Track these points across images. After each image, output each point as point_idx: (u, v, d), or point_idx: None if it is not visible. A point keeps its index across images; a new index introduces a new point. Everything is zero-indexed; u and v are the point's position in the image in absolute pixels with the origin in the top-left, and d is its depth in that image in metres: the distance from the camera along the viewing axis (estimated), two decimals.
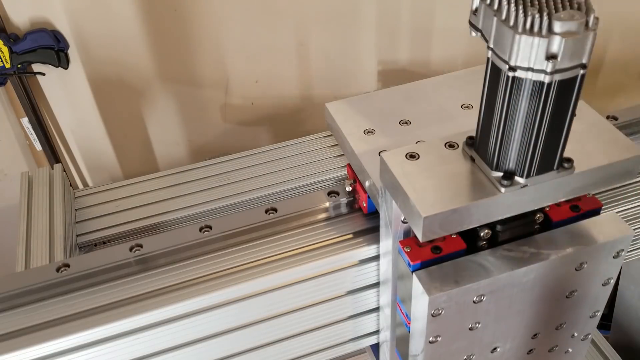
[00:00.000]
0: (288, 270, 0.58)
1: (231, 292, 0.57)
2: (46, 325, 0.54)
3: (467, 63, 1.39)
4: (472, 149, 0.47)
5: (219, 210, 1.02)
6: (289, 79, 1.32)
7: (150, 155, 1.34)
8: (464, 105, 0.62)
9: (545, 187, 0.45)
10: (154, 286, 0.57)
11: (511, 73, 0.39)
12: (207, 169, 1.11)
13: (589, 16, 0.36)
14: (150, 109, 1.26)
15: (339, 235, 0.61)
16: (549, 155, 0.43)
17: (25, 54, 1.07)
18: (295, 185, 1.05)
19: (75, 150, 1.27)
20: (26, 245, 0.88)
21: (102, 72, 1.18)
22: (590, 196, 0.54)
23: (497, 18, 0.38)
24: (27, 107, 1.14)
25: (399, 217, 0.52)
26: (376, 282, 0.62)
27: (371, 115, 0.61)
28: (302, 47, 1.27)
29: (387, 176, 0.48)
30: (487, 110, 0.43)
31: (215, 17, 1.17)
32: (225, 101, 1.30)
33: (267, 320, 0.60)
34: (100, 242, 0.97)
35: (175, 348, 0.58)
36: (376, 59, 1.35)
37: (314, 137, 1.17)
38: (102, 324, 0.54)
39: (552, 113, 0.40)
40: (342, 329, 0.65)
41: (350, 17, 1.27)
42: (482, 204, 0.44)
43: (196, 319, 0.57)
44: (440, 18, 1.32)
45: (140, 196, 1.05)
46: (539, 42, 0.36)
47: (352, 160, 0.59)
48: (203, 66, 1.24)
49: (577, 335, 0.56)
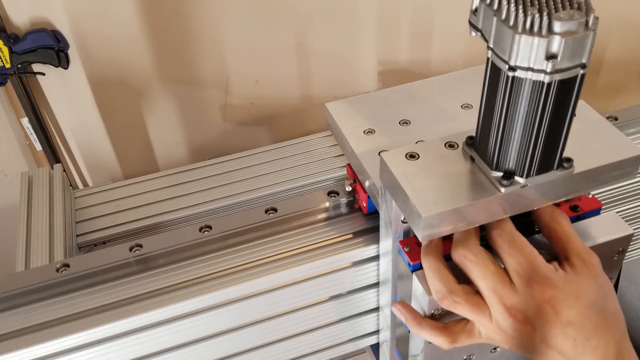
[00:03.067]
0: (288, 270, 0.58)
1: (231, 292, 0.57)
2: (46, 325, 0.54)
3: (467, 63, 1.39)
4: (472, 148, 0.47)
5: (219, 210, 1.02)
6: (289, 79, 1.32)
7: (150, 155, 1.33)
8: (464, 105, 0.62)
9: (545, 187, 0.45)
10: (154, 286, 0.57)
11: (511, 73, 0.39)
12: (207, 169, 1.11)
13: (588, 16, 0.36)
14: (150, 109, 1.26)
15: (339, 235, 0.61)
16: (549, 155, 0.43)
17: (25, 54, 1.07)
18: (295, 185, 1.05)
19: (75, 150, 1.27)
20: (26, 245, 0.88)
21: (102, 72, 1.17)
22: (590, 196, 0.54)
23: (497, 18, 0.38)
24: (27, 107, 1.14)
25: (399, 217, 0.52)
26: (376, 282, 0.62)
27: (371, 115, 0.61)
28: (302, 47, 1.27)
29: (387, 176, 0.48)
30: (487, 110, 0.43)
31: (215, 17, 1.17)
32: (225, 101, 1.30)
33: (266, 320, 0.60)
34: (100, 242, 0.97)
35: (175, 348, 0.58)
36: (376, 59, 1.35)
37: (314, 137, 1.17)
38: (102, 324, 0.54)
39: (552, 113, 0.40)
40: (341, 329, 0.65)
41: (350, 17, 1.27)
42: (481, 203, 0.44)
43: (196, 319, 0.57)
44: (441, 18, 1.32)
45: (140, 196, 1.05)
46: (538, 42, 0.36)
47: (351, 160, 0.59)
48: (203, 66, 1.24)
49: None
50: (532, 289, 0.44)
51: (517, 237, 0.46)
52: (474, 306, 0.46)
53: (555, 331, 0.44)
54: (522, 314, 0.44)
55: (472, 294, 0.46)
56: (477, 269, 0.45)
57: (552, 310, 0.43)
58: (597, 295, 0.44)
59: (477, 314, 0.46)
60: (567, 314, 0.43)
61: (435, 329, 0.49)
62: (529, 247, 0.45)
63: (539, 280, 0.44)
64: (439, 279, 0.47)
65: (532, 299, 0.44)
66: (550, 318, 0.44)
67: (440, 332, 0.49)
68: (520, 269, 0.44)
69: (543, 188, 0.45)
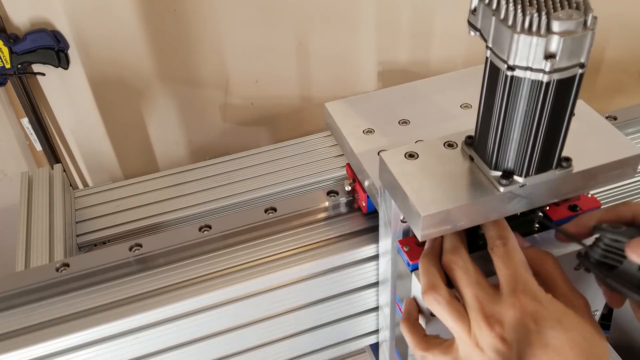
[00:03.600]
0: (287, 270, 0.58)
1: (230, 291, 0.57)
2: (46, 325, 0.55)
3: (467, 63, 1.39)
4: (471, 148, 0.47)
5: (219, 210, 1.02)
6: (289, 79, 1.32)
7: (150, 155, 1.34)
8: (463, 105, 0.62)
9: (544, 187, 0.45)
10: (154, 286, 0.57)
11: (510, 72, 0.39)
12: (207, 169, 1.11)
13: (587, 15, 0.36)
14: (150, 109, 1.27)
15: (338, 234, 0.61)
16: (548, 154, 0.43)
17: (25, 54, 1.07)
18: (295, 185, 1.05)
19: (75, 150, 1.27)
20: (26, 245, 0.89)
21: (102, 72, 1.18)
22: (590, 196, 0.54)
23: (496, 17, 0.38)
24: (27, 107, 1.14)
25: (398, 217, 0.52)
26: (375, 281, 0.62)
27: (370, 115, 0.61)
28: (301, 47, 1.27)
29: (386, 176, 0.48)
30: (486, 110, 0.43)
31: (215, 17, 1.17)
32: (225, 101, 1.31)
33: (266, 320, 0.60)
34: (100, 242, 0.97)
35: (175, 347, 0.58)
36: (376, 59, 1.35)
37: (314, 137, 1.17)
38: (102, 323, 0.54)
39: (550, 112, 0.40)
40: (341, 328, 0.65)
41: (350, 17, 1.27)
42: (481, 203, 0.44)
43: (195, 318, 0.57)
44: (440, 18, 1.32)
45: (140, 196, 1.05)
46: (537, 42, 0.36)
47: (351, 159, 0.59)
48: (203, 66, 1.24)
49: None
50: (517, 298, 0.42)
51: (513, 249, 0.45)
52: (454, 311, 0.44)
53: (533, 351, 0.41)
54: (500, 327, 0.41)
55: (456, 300, 0.45)
56: (464, 276, 0.45)
57: (534, 327, 0.41)
58: (582, 330, 0.42)
59: (456, 322, 0.44)
60: (548, 335, 0.41)
61: (413, 329, 0.49)
62: (524, 262, 0.45)
63: (527, 291, 0.42)
64: (429, 275, 0.46)
65: (514, 309, 0.42)
66: (530, 335, 0.41)
67: (416, 336, 0.48)
68: (510, 278, 0.43)
69: (542, 187, 0.45)
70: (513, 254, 0.45)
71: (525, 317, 0.41)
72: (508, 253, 0.45)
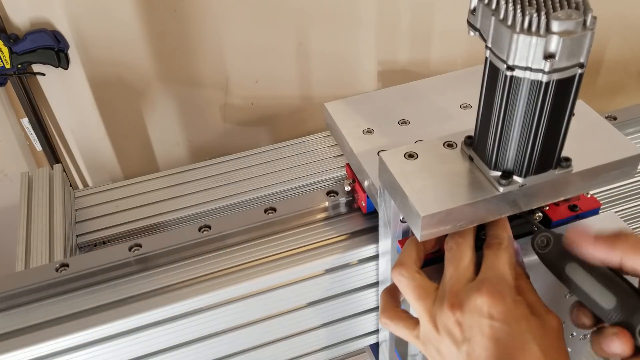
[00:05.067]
0: (287, 270, 0.58)
1: (230, 291, 0.57)
2: (45, 325, 0.55)
3: (467, 63, 1.39)
4: (471, 148, 0.47)
5: (219, 210, 1.03)
6: (289, 79, 1.32)
7: (150, 155, 1.34)
8: (463, 105, 0.62)
9: (543, 187, 0.45)
10: (154, 286, 0.57)
11: (509, 72, 0.39)
12: (207, 169, 1.11)
13: (586, 15, 0.36)
14: (150, 109, 1.27)
15: (338, 234, 0.61)
16: (547, 154, 0.43)
17: (25, 54, 1.07)
18: (295, 185, 1.06)
19: (75, 150, 1.27)
20: (26, 245, 0.89)
21: (102, 72, 1.18)
22: (589, 196, 0.54)
23: (495, 17, 0.38)
24: (27, 107, 1.14)
25: (398, 217, 0.52)
26: (375, 281, 0.62)
27: (370, 115, 0.61)
28: (301, 47, 1.28)
29: (386, 176, 0.48)
30: (485, 110, 0.43)
31: (215, 17, 1.17)
32: (225, 101, 1.31)
33: (266, 320, 0.60)
34: (100, 242, 0.97)
35: (175, 347, 0.58)
36: (376, 59, 1.35)
37: (314, 137, 1.17)
38: (102, 323, 0.54)
39: (550, 112, 0.40)
40: (341, 328, 0.65)
41: (350, 17, 1.27)
42: (480, 203, 0.44)
43: (195, 318, 0.57)
44: (440, 18, 1.32)
45: (139, 196, 1.05)
46: (536, 42, 0.36)
47: (351, 160, 0.59)
48: (203, 66, 1.24)
49: (576, 335, 0.56)
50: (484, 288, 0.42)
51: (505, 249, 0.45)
52: (418, 288, 0.45)
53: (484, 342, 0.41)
54: (460, 311, 0.42)
55: (423, 279, 0.45)
56: (455, 256, 0.45)
57: (492, 320, 0.41)
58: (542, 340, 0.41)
59: (418, 299, 0.44)
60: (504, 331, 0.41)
61: (389, 298, 0.49)
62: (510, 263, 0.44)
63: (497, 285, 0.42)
64: (403, 253, 0.47)
65: (477, 297, 0.41)
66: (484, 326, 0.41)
67: (388, 305, 0.48)
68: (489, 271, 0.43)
69: (541, 187, 0.45)
70: (503, 253, 0.45)
71: (485, 307, 0.41)
72: (499, 251, 0.45)
